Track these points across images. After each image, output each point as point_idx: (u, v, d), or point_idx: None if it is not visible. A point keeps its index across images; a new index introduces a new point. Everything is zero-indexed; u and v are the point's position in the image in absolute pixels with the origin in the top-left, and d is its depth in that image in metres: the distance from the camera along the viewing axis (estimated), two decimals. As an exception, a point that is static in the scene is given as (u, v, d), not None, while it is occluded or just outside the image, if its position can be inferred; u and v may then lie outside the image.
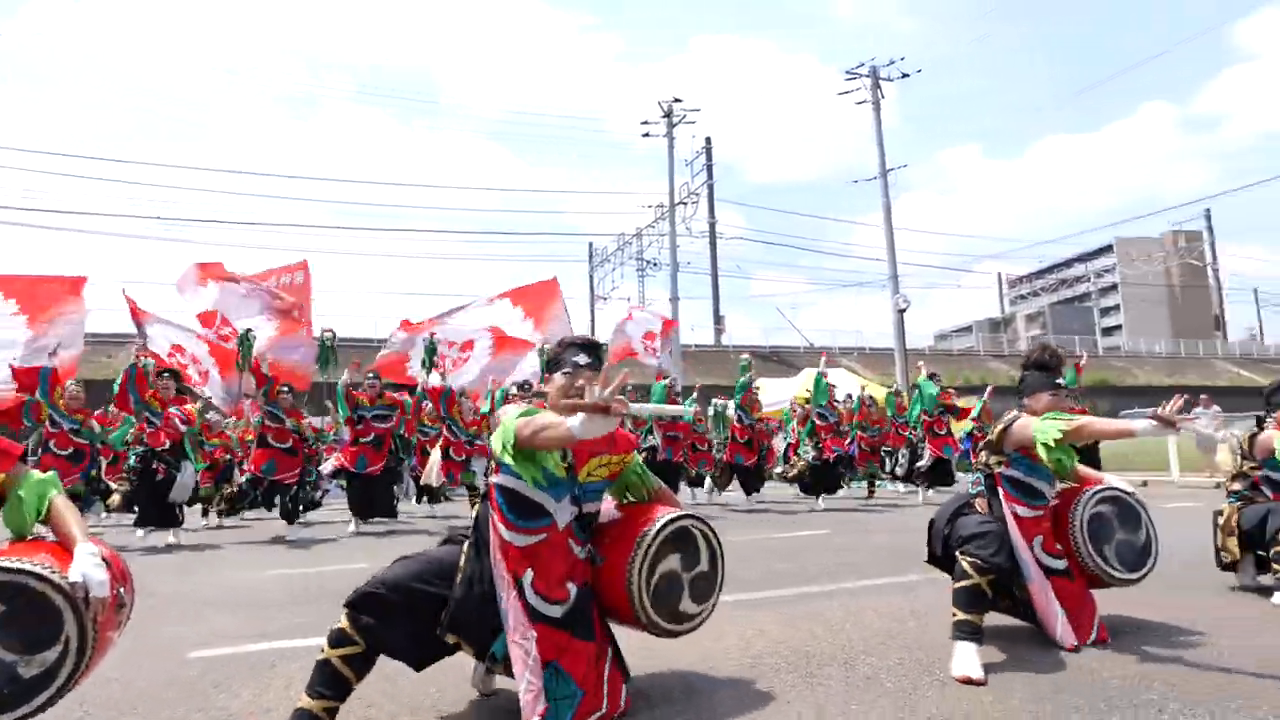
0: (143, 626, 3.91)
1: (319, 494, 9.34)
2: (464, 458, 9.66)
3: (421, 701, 2.61)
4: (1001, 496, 3.22)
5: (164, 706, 2.63)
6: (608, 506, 2.64)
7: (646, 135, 25.83)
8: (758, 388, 11.33)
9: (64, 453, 7.78)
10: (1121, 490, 3.32)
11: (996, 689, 2.62)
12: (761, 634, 3.47)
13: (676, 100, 25.19)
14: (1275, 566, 3.80)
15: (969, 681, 2.67)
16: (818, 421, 10.90)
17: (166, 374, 8.17)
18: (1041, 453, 3.03)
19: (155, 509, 7.76)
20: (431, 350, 10.08)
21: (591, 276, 41.55)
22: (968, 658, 2.77)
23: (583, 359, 2.47)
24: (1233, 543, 4.14)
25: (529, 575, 2.34)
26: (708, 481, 11.90)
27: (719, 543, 2.59)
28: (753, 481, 10.90)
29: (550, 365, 2.58)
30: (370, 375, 9.23)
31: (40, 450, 7.79)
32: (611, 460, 2.54)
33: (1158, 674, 2.73)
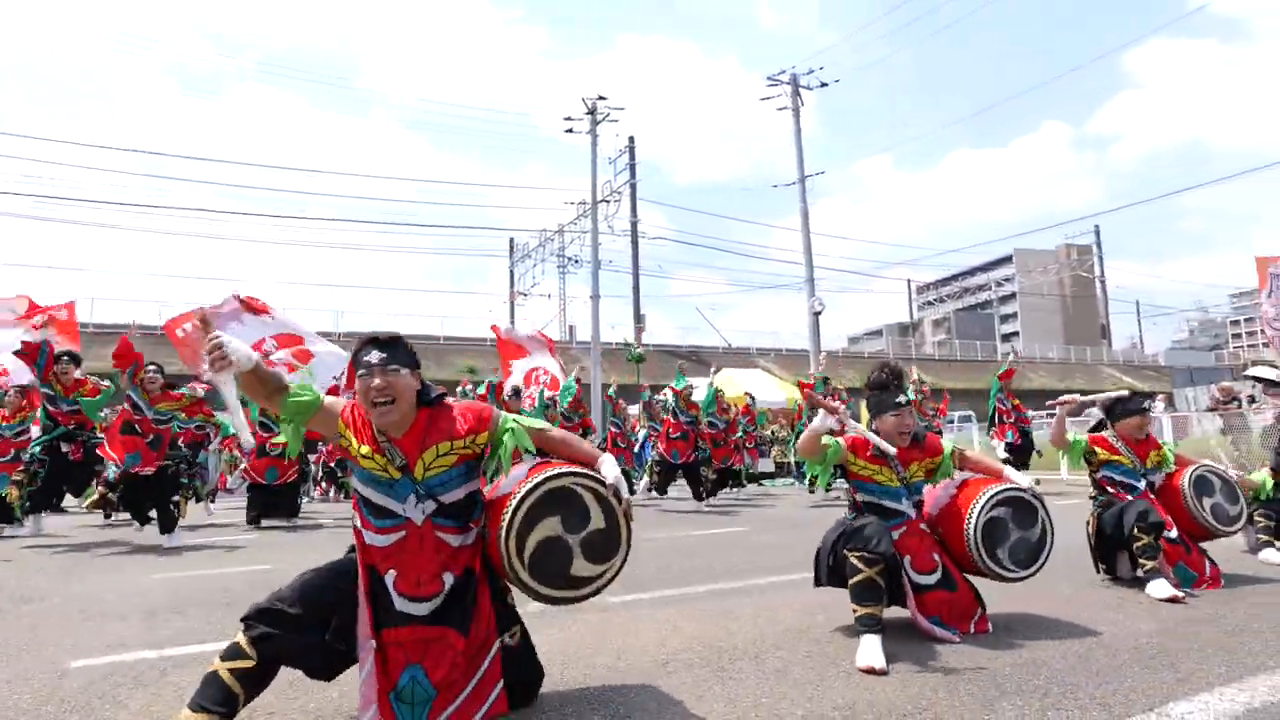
0: (18, 636, 3.64)
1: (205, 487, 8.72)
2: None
3: (324, 706, 2.52)
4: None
5: (39, 721, 2.44)
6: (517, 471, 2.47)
7: (570, 131, 25.70)
8: (692, 387, 11.36)
9: (147, 438, 7.32)
10: (1019, 489, 3.43)
11: (897, 679, 2.72)
12: (676, 631, 3.51)
13: (601, 98, 25.14)
14: (1141, 561, 4.07)
15: (872, 671, 2.76)
16: (705, 429, 10.99)
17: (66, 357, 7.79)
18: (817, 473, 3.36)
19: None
20: None
21: (512, 272, 41.08)
22: (871, 649, 2.87)
23: (374, 356, 2.32)
24: (1095, 543, 4.47)
25: (391, 575, 2.28)
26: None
27: (616, 497, 2.41)
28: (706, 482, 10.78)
29: (353, 367, 2.47)
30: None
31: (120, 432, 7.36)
32: (457, 446, 2.39)
33: (1045, 662, 2.89)
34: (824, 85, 23.94)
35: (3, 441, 8.29)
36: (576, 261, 34.67)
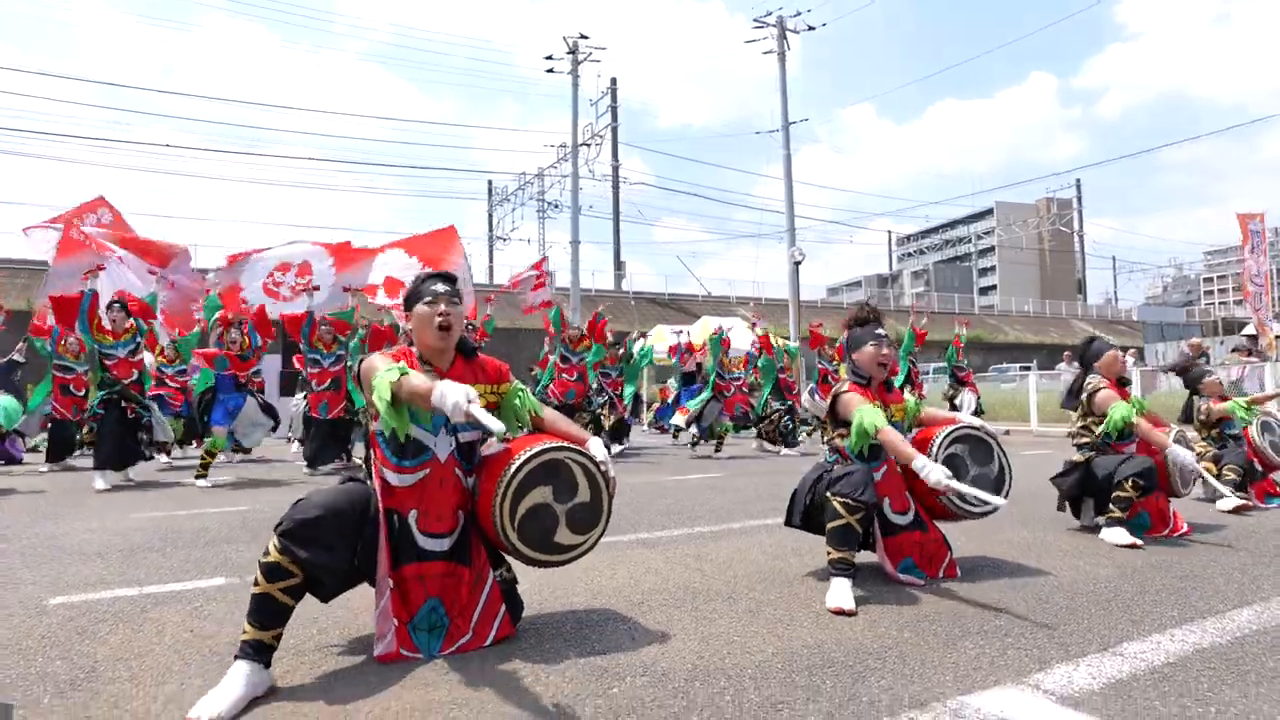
0: (-7, 572, 3.64)
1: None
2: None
3: (304, 643, 2.56)
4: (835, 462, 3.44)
5: (20, 657, 2.46)
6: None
7: (551, 71, 25.05)
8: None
9: (323, 387, 8.61)
10: (970, 426, 3.52)
11: (866, 619, 2.81)
12: (651, 572, 3.58)
13: (583, 36, 24.48)
14: (1111, 509, 4.20)
15: (841, 613, 2.85)
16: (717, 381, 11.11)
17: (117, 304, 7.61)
18: (851, 438, 3.29)
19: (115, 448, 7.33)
20: None
21: (491, 215, 40.47)
22: (841, 591, 2.96)
23: (441, 287, 2.55)
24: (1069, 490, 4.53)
25: (413, 514, 2.40)
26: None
27: (603, 472, 2.58)
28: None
29: (410, 300, 2.59)
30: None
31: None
32: (487, 391, 2.61)
33: (1006, 603, 3.00)
34: (811, 29, 23.46)
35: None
36: (556, 206, 34.24)
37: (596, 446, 2.62)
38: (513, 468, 2.43)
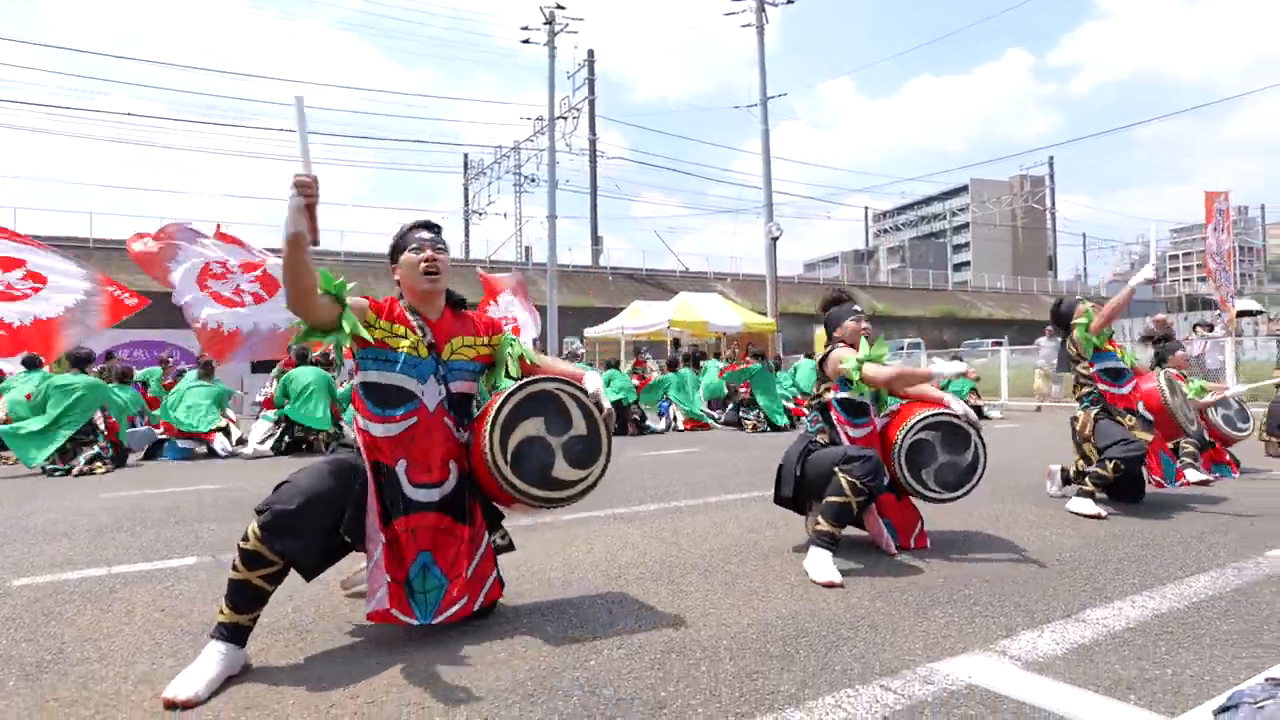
0: (-43, 553, 3.57)
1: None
2: None
3: (279, 621, 2.55)
4: (835, 420, 3.44)
5: (-14, 636, 2.43)
6: None
7: (527, 42, 24.67)
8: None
9: None
10: (952, 415, 3.45)
11: (840, 590, 2.85)
12: (628, 546, 3.61)
13: (559, 7, 24.10)
14: (1085, 483, 4.25)
15: (832, 585, 2.88)
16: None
17: None
18: (853, 375, 3.34)
19: None
20: None
21: (466, 189, 40.01)
22: (825, 564, 2.98)
23: (425, 234, 2.51)
24: (1089, 448, 4.43)
25: (401, 464, 2.35)
26: None
27: (598, 406, 2.52)
28: None
29: (395, 250, 2.55)
30: None
31: None
32: (478, 342, 2.58)
33: (974, 573, 3.06)
34: (790, 2, 23.29)
35: None
36: (533, 180, 33.90)
37: (592, 379, 2.57)
38: (501, 398, 2.40)
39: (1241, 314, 14.27)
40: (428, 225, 2.58)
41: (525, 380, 2.47)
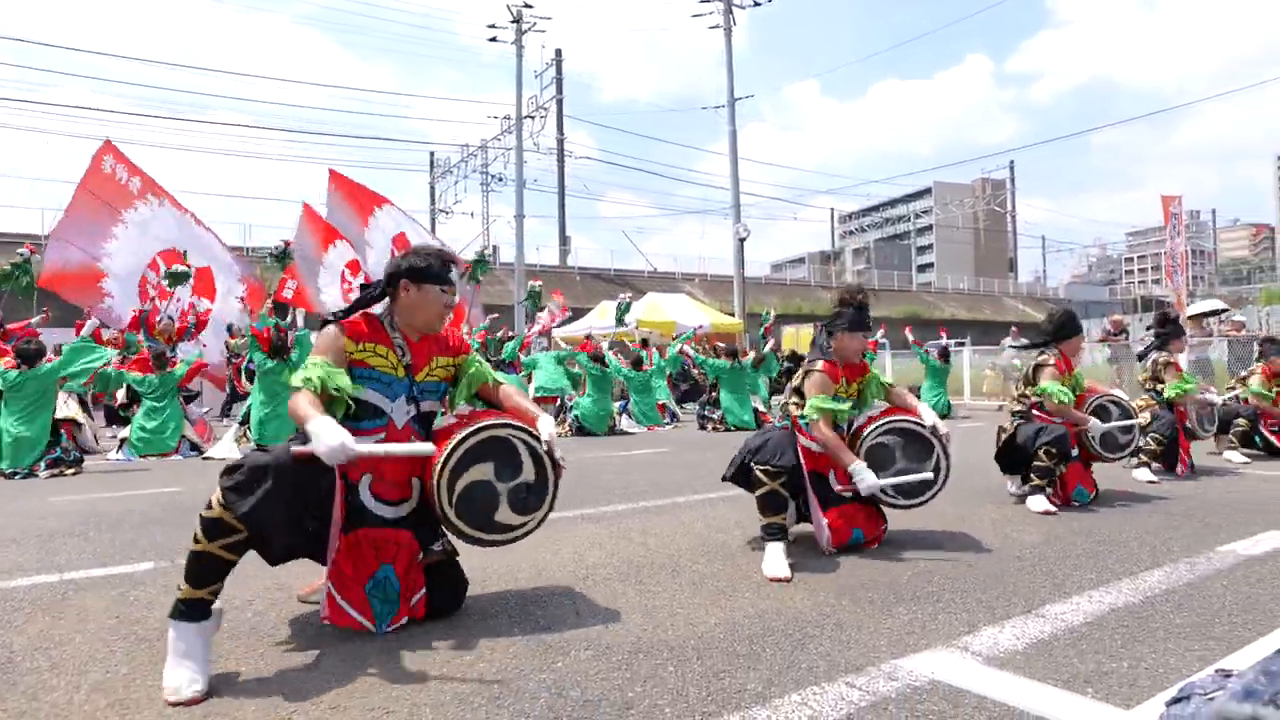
0: (-101, 560, 3.44)
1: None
2: None
3: (239, 626, 2.50)
4: (797, 433, 3.48)
5: (-71, 646, 2.34)
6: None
7: (494, 40, 24.50)
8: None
9: None
10: (918, 424, 3.48)
11: (805, 588, 2.88)
12: (596, 547, 3.60)
13: (527, 5, 23.96)
14: (1032, 477, 4.40)
15: (778, 580, 2.92)
16: None
17: None
18: (806, 416, 3.39)
19: None
20: None
21: (433, 188, 39.62)
22: (776, 559, 3.03)
23: (454, 275, 2.57)
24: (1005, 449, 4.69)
25: (366, 480, 2.38)
26: None
27: (550, 455, 2.51)
28: None
29: (419, 275, 2.50)
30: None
31: None
32: (449, 362, 2.63)
33: (937, 571, 3.11)
34: (757, 4, 23.44)
35: None
36: (500, 179, 33.65)
37: (545, 425, 2.54)
38: (454, 442, 2.39)
39: (1209, 314, 14.56)
40: (454, 264, 2.62)
41: (483, 425, 2.44)
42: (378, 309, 2.59)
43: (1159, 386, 5.94)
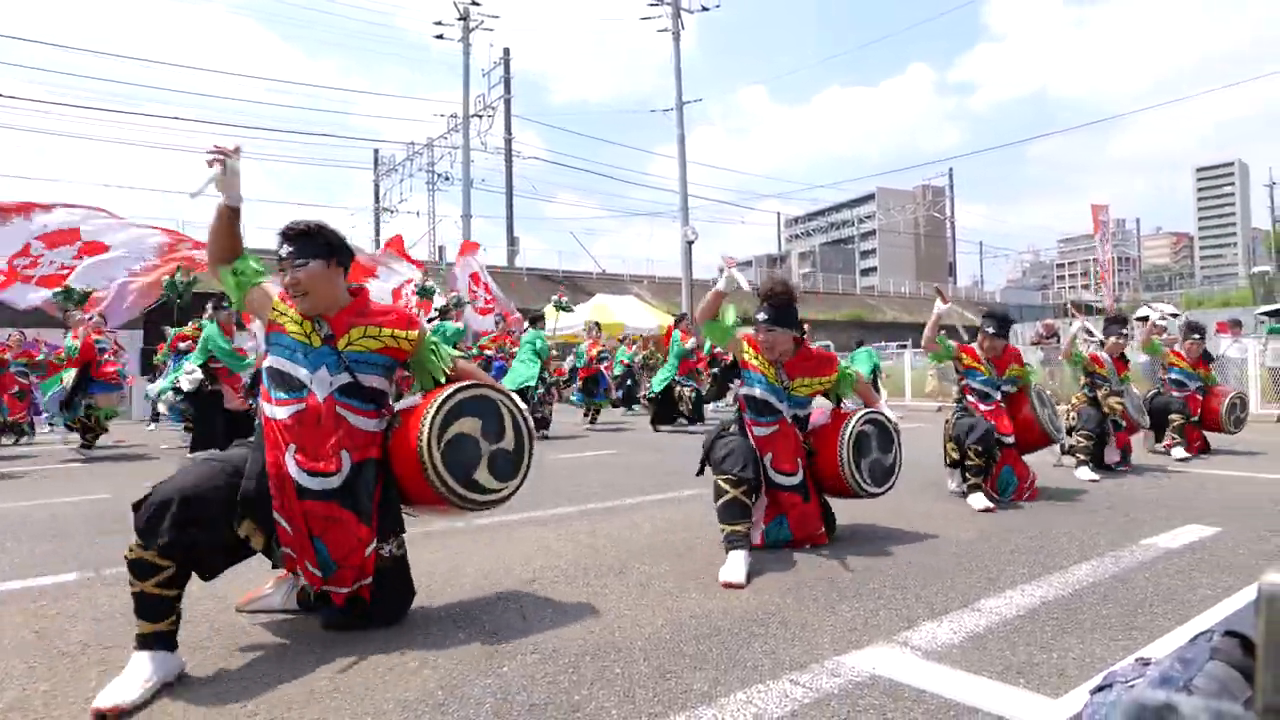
0: None
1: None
2: None
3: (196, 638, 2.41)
4: (743, 418, 3.58)
5: None
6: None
7: (440, 38, 24.16)
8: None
9: None
10: (885, 416, 3.72)
11: (751, 588, 2.92)
12: (543, 549, 3.58)
13: (474, 3, 23.70)
14: (967, 475, 4.56)
15: (730, 586, 2.93)
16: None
17: None
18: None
19: None
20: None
21: (377, 185, 38.87)
22: (735, 565, 3.03)
23: (284, 249, 2.42)
24: (950, 446, 4.87)
25: (291, 449, 2.33)
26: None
27: (528, 427, 2.60)
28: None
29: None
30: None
31: None
32: (383, 334, 2.49)
33: (878, 568, 3.18)
34: (705, 9, 23.64)
35: None
36: (447, 178, 33.17)
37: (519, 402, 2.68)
38: (449, 390, 2.45)
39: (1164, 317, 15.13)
40: (287, 237, 2.43)
41: (474, 383, 2.55)
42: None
43: (1083, 379, 6.24)
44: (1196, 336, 7.36)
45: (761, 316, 3.56)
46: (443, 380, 2.62)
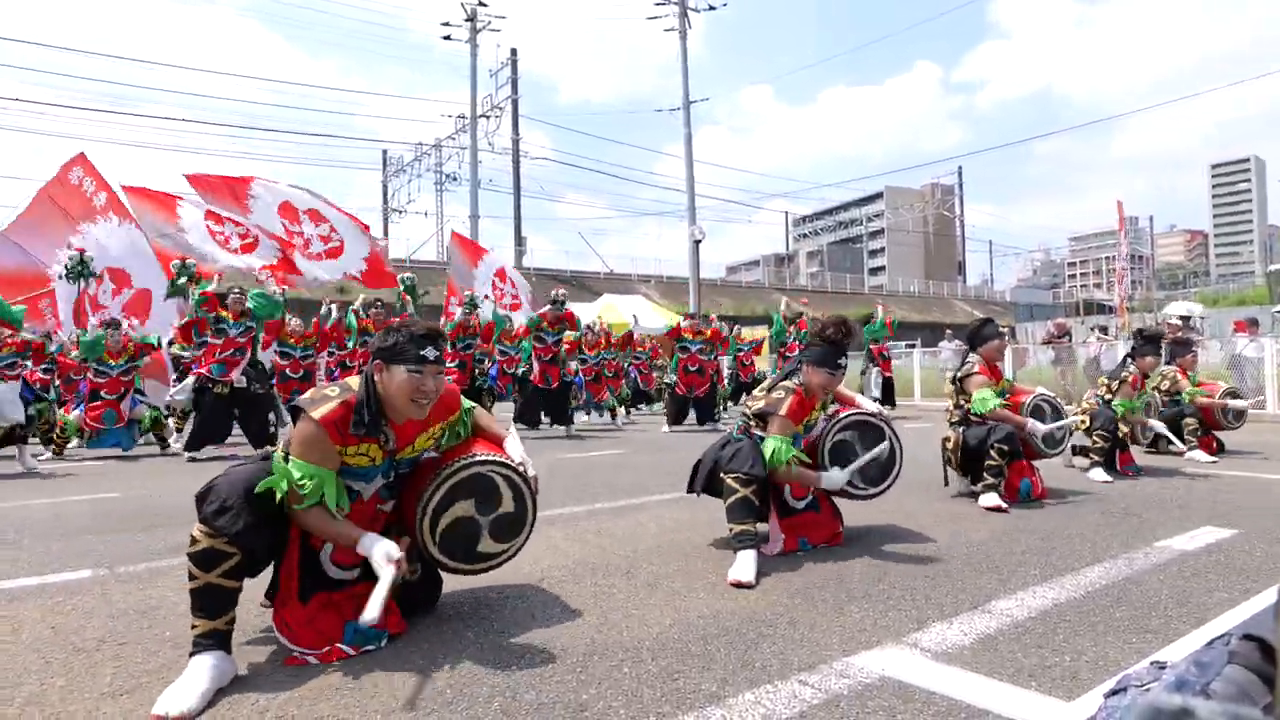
0: None
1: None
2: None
3: (180, 635, 2.42)
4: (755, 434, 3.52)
5: None
6: None
7: (448, 38, 24.22)
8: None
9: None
10: (866, 413, 3.63)
11: (760, 588, 2.91)
12: (552, 549, 3.58)
13: (482, 4, 23.76)
14: (985, 476, 4.51)
15: (739, 585, 2.92)
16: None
17: None
18: (767, 454, 3.32)
19: None
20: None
21: (386, 187, 39.01)
22: (745, 564, 3.01)
23: (431, 352, 2.27)
24: (956, 459, 4.83)
25: (328, 550, 2.32)
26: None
27: (526, 482, 2.52)
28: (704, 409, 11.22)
29: (389, 355, 2.25)
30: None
31: None
32: (434, 432, 2.49)
33: (889, 569, 3.17)
34: (712, 8, 23.64)
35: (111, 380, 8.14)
36: (455, 179, 33.31)
37: (513, 446, 2.58)
38: (434, 484, 2.37)
39: (1185, 317, 14.96)
40: (438, 338, 2.32)
41: (458, 465, 2.40)
42: (356, 384, 2.30)
43: (1107, 396, 6.12)
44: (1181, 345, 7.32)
45: (842, 363, 3.46)
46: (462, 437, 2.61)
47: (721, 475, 3.34)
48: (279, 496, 2.16)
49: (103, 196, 10.02)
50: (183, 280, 8.62)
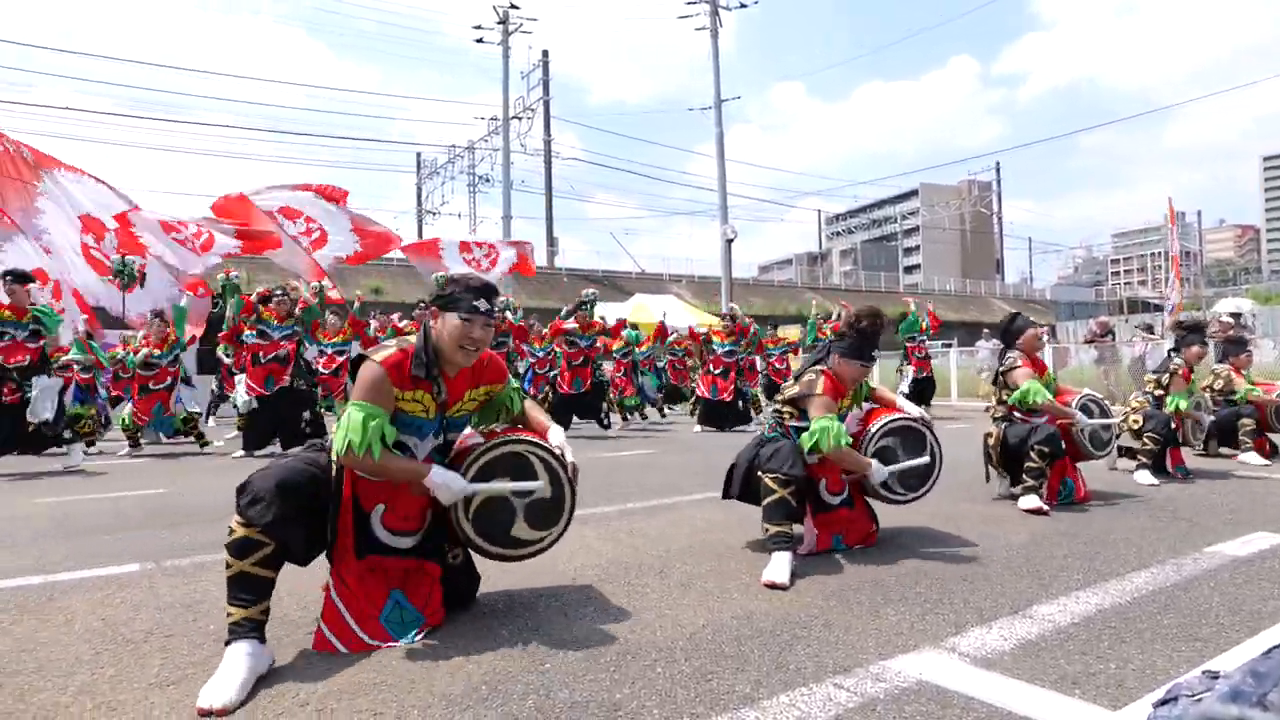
0: (-123, 563, 3.39)
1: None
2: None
3: (222, 629, 2.48)
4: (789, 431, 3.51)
5: (-92, 650, 2.31)
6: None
7: (480, 41, 24.44)
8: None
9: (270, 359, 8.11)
10: (909, 419, 3.55)
11: (794, 590, 2.88)
12: (585, 548, 3.59)
13: (514, 6, 23.93)
14: (1025, 477, 4.43)
15: (773, 586, 2.90)
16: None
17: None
18: (806, 440, 3.29)
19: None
20: None
21: (420, 188, 39.49)
22: (779, 565, 2.99)
23: (482, 304, 2.38)
24: (998, 458, 4.74)
25: (379, 510, 2.35)
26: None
27: (564, 468, 2.52)
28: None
29: (443, 301, 2.39)
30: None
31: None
32: (480, 394, 2.57)
33: (926, 571, 3.12)
34: (743, 6, 23.52)
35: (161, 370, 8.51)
36: (487, 180, 33.62)
37: (556, 435, 2.59)
38: (470, 458, 2.42)
39: (1235, 315, 14.51)
40: (487, 292, 2.41)
41: (497, 441, 2.47)
42: (414, 339, 2.42)
43: (1158, 393, 5.95)
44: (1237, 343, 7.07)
45: (872, 354, 3.47)
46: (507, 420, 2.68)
47: (759, 474, 3.31)
48: (335, 454, 2.24)
49: (27, 153, 10.20)
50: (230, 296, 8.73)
